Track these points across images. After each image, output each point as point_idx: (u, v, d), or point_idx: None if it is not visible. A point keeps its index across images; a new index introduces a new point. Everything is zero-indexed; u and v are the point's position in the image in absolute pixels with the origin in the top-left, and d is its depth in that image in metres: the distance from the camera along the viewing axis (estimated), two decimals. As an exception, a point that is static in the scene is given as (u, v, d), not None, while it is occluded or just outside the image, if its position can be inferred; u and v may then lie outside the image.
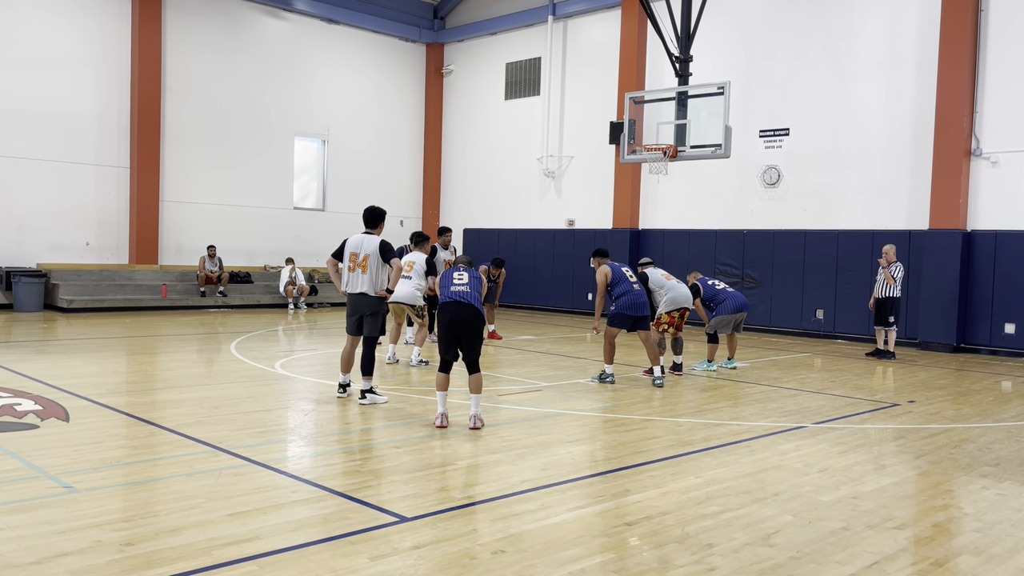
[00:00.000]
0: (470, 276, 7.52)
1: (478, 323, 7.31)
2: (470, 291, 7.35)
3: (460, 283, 7.42)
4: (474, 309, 7.28)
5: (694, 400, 9.03)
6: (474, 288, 7.40)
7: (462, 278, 7.48)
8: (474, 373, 7.25)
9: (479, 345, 7.33)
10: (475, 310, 7.28)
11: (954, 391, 10.10)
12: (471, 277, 7.50)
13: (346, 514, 4.73)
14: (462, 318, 7.24)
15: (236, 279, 20.19)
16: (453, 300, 7.31)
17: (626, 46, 19.40)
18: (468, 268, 7.76)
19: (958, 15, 14.42)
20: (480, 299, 7.42)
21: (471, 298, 7.31)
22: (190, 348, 12.49)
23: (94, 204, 18.79)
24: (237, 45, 20.68)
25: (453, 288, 7.39)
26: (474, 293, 7.36)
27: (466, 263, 8.06)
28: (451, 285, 7.43)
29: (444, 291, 7.45)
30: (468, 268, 7.76)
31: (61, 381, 8.79)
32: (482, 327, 7.40)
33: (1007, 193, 14.31)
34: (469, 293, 7.33)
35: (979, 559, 4.34)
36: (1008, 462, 6.52)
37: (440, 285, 7.57)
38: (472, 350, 7.28)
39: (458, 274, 7.55)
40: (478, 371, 7.26)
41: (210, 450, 6.09)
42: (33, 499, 4.82)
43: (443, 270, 13.82)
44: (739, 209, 17.79)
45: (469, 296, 7.31)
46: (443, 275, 7.64)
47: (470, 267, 7.87)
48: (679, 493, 5.35)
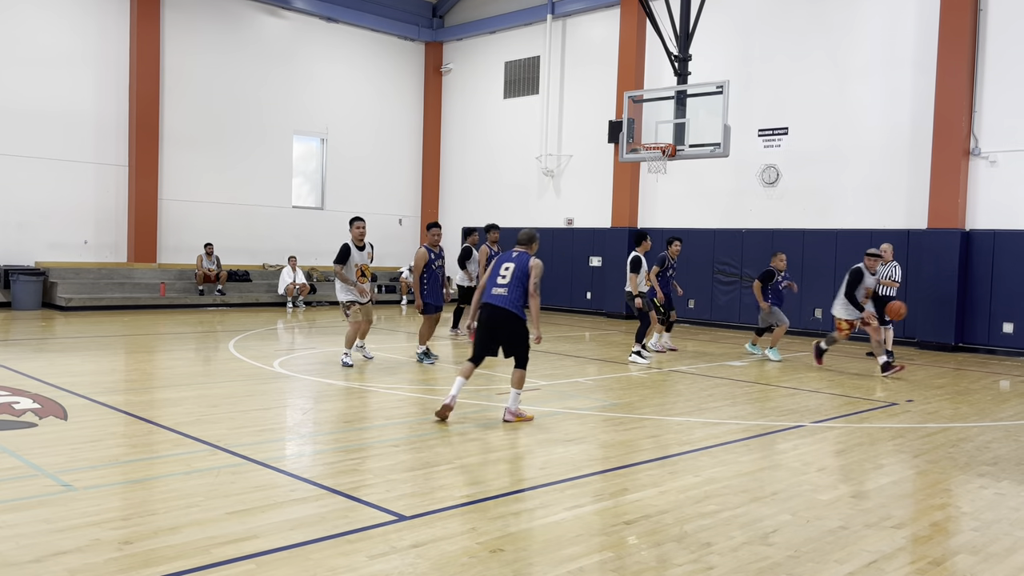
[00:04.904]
0: (514, 271, 7.28)
1: (513, 325, 7.25)
2: (508, 294, 7.22)
3: (501, 282, 7.30)
4: (507, 313, 7.21)
5: (692, 399, 9.03)
6: (514, 288, 7.22)
7: (505, 276, 7.30)
8: (516, 368, 7.34)
9: (519, 348, 7.30)
10: (508, 314, 7.21)
11: (952, 390, 10.11)
12: (515, 273, 7.27)
13: (344, 513, 4.72)
14: (496, 322, 7.25)
15: (235, 277, 20.19)
16: (489, 303, 7.31)
17: (625, 45, 19.40)
18: (521, 255, 7.41)
19: (957, 15, 14.43)
20: (521, 299, 7.23)
21: (507, 302, 7.21)
22: (188, 346, 12.49)
23: (93, 202, 18.77)
24: (236, 43, 20.66)
25: (493, 290, 7.32)
26: (512, 296, 7.21)
27: (525, 240, 7.54)
28: (493, 285, 7.34)
29: (487, 287, 7.38)
30: (521, 255, 7.41)
31: (59, 379, 8.78)
32: (520, 329, 7.28)
33: (1005, 192, 14.32)
34: (506, 297, 7.22)
35: (977, 558, 4.35)
36: (1006, 461, 6.53)
37: (487, 279, 7.46)
38: (511, 351, 7.32)
39: (505, 267, 7.35)
40: (521, 367, 7.34)
41: (208, 448, 6.09)
42: (31, 497, 4.82)
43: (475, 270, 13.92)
44: (738, 208, 17.79)
45: (506, 300, 7.21)
46: (492, 267, 7.48)
47: (529, 245, 7.51)
48: (677, 492, 5.35)
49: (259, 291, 20.34)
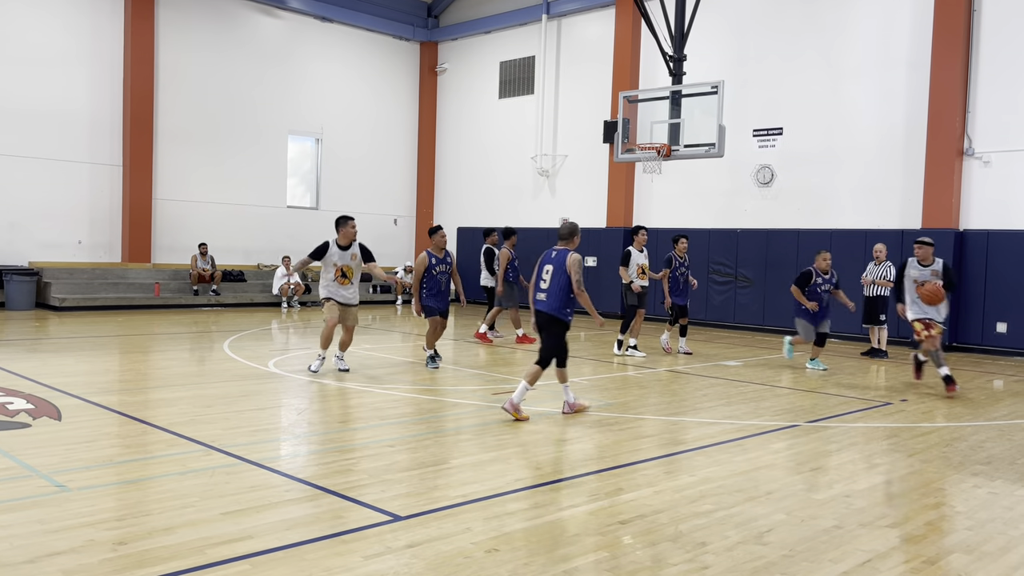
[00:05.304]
0: (553, 272, 7.52)
1: (550, 326, 7.51)
2: (547, 299, 7.51)
3: (543, 287, 7.57)
4: (549, 317, 7.50)
5: (687, 399, 9.04)
6: (553, 291, 7.47)
7: (545, 280, 7.56)
8: (557, 368, 7.65)
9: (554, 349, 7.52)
10: (550, 317, 7.49)
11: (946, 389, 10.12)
12: (554, 275, 7.50)
13: (340, 513, 4.72)
14: (542, 326, 7.59)
15: (229, 277, 20.14)
16: (536, 308, 7.63)
17: (620, 45, 19.42)
18: (559, 254, 7.61)
19: (951, 15, 14.48)
20: (560, 300, 7.44)
21: (547, 307, 7.51)
22: (183, 347, 12.46)
23: (87, 202, 18.72)
24: (231, 43, 20.62)
25: (537, 295, 7.62)
26: (551, 300, 7.47)
27: (566, 234, 7.72)
28: (537, 289, 7.63)
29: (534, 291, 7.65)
30: (559, 254, 7.61)
31: (53, 380, 8.76)
32: (556, 328, 7.50)
33: (999, 192, 14.37)
34: (546, 301, 7.51)
35: (971, 557, 4.36)
36: (999, 460, 6.55)
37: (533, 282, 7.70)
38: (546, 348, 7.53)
39: (545, 269, 7.61)
40: (560, 366, 7.63)
41: (203, 449, 6.08)
42: (25, 498, 4.80)
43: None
44: (732, 208, 17.82)
45: (546, 304, 7.52)
46: (536, 268, 7.72)
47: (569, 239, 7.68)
48: (672, 492, 5.36)
49: (254, 291, 20.30)
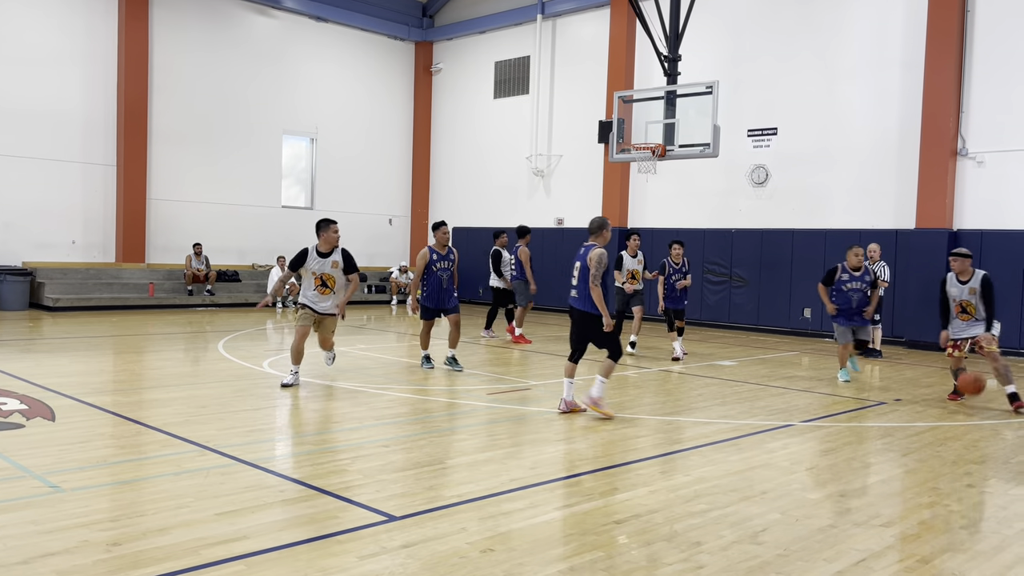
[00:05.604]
0: (580, 268, 7.61)
1: (587, 322, 7.61)
2: (578, 295, 7.63)
3: (573, 283, 7.69)
4: (581, 313, 7.61)
5: (682, 399, 9.05)
6: (582, 287, 7.57)
7: (575, 276, 7.67)
8: (607, 359, 7.64)
9: (603, 341, 7.62)
10: (582, 313, 7.60)
11: (940, 389, 10.17)
12: (581, 271, 7.59)
13: (334, 513, 4.71)
14: (575, 322, 7.74)
15: (224, 278, 20.11)
16: (570, 304, 7.77)
17: (615, 45, 19.43)
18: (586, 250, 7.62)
19: (945, 16, 14.52)
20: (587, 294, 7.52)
21: (578, 303, 7.62)
22: (177, 347, 12.43)
23: (80, 202, 18.67)
24: (225, 43, 20.58)
25: (571, 292, 7.74)
26: (581, 295, 7.58)
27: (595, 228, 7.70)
28: (571, 287, 7.74)
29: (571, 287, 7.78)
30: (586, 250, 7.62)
31: (47, 380, 8.73)
32: (594, 323, 7.58)
33: (993, 192, 14.41)
34: (577, 298, 7.62)
35: (965, 556, 4.37)
36: (993, 460, 6.57)
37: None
38: (600, 345, 7.67)
39: (575, 266, 7.70)
40: (611, 359, 7.61)
41: (197, 449, 6.06)
42: (19, 499, 4.79)
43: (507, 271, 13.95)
44: (727, 208, 17.85)
45: (577, 301, 7.63)
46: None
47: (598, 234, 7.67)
48: (667, 491, 5.36)
49: (248, 291, 20.26)
